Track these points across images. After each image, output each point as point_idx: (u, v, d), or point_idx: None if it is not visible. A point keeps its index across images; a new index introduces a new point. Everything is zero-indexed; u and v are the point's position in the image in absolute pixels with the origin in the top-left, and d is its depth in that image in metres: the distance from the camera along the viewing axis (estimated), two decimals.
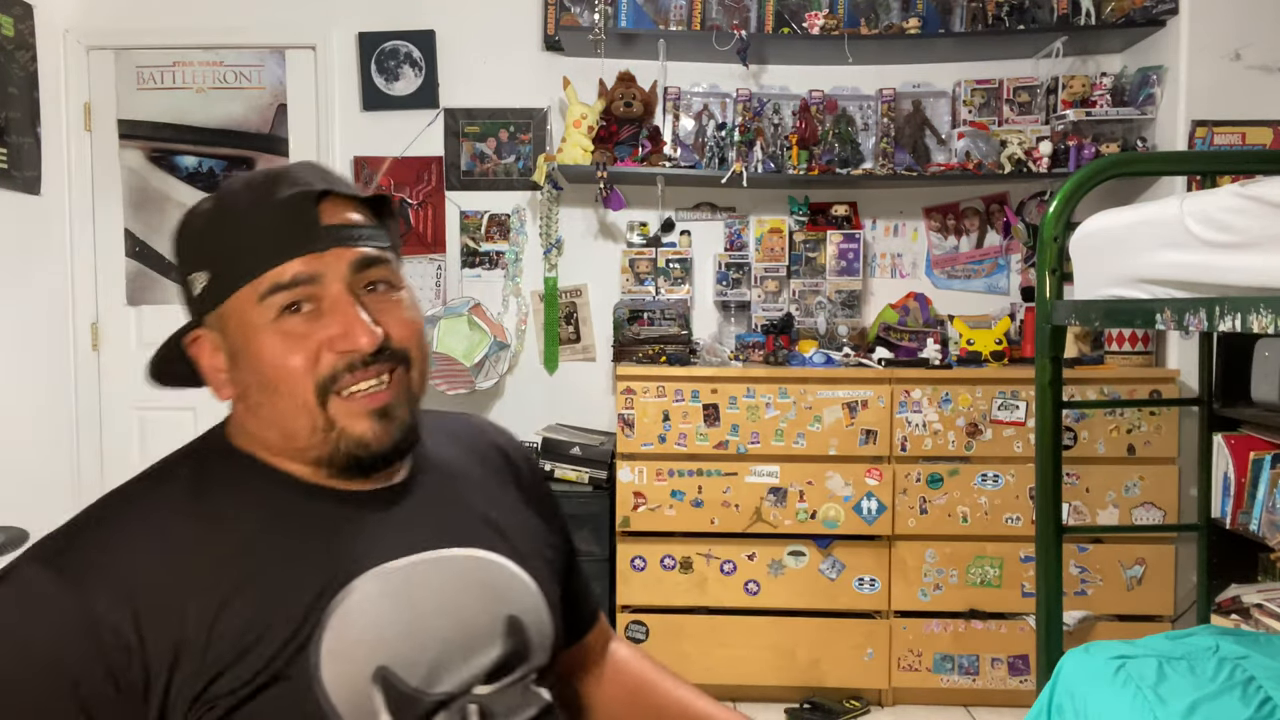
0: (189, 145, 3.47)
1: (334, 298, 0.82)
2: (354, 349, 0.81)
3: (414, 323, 0.88)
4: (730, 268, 3.45)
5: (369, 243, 0.85)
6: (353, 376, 0.82)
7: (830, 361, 3.17)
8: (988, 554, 2.99)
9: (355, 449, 0.83)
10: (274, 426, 0.84)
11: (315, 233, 0.81)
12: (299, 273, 0.81)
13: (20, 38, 3.14)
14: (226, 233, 0.83)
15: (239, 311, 0.82)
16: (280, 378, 0.81)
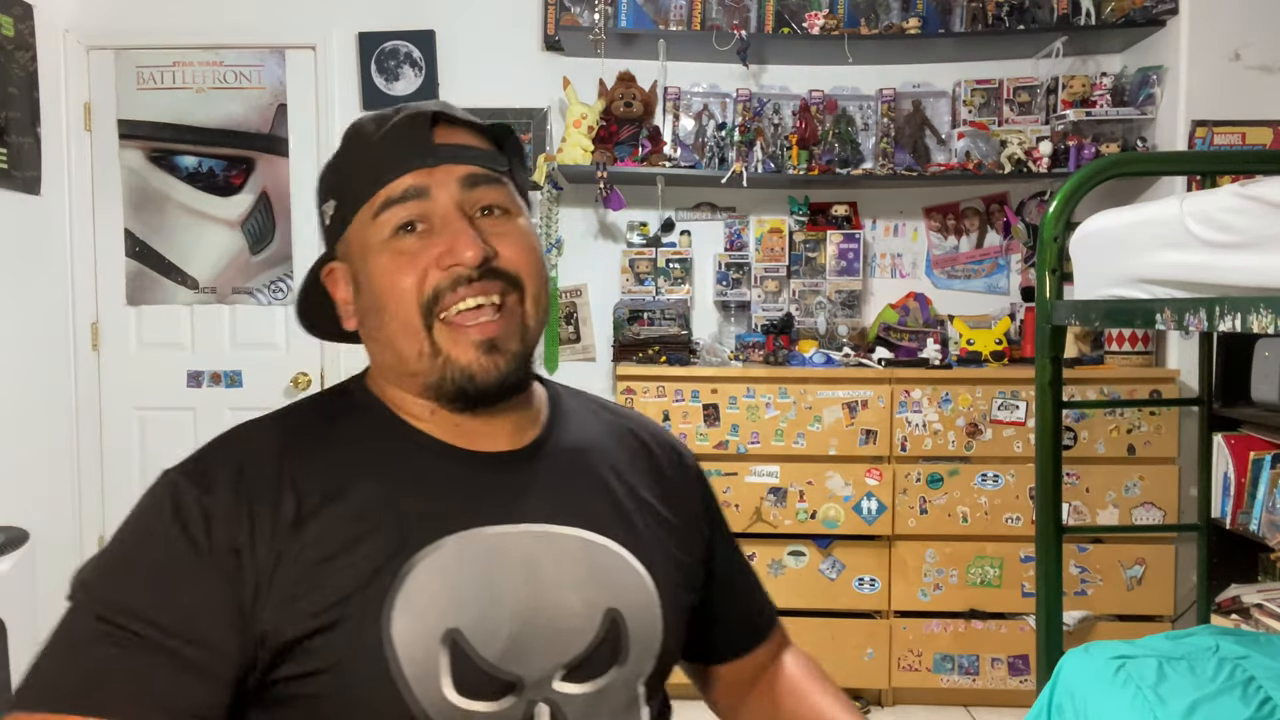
0: (189, 145, 3.47)
1: (443, 213, 0.81)
2: (457, 262, 0.79)
3: (529, 250, 0.84)
4: (730, 268, 3.45)
5: (483, 163, 0.84)
6: (455, 294, 0.79)
7: (830, 361, 3.17)
8: (988, 554, 2.99)
9: (461, 379, 0.80)
10: (388, 350, 0.82)
11: (426, 149, 0.82)
12: (409, 186, 0.81)
13: (20, 38, 3.14)
14: (349, 160, 0.85)
15: (359, 234, 0.83)
16: (389, 297, 0.80)
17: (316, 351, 3.47)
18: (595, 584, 0.81)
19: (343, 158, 0.87)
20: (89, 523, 3.47)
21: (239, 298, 3.49)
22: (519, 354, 0.82)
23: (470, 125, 0.86)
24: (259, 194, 3.47)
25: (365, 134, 0.85)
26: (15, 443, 3.10)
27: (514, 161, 0.88)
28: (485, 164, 0.84)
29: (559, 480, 0.86)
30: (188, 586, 0.73)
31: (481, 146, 0.85)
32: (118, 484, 3.48)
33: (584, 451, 0.90)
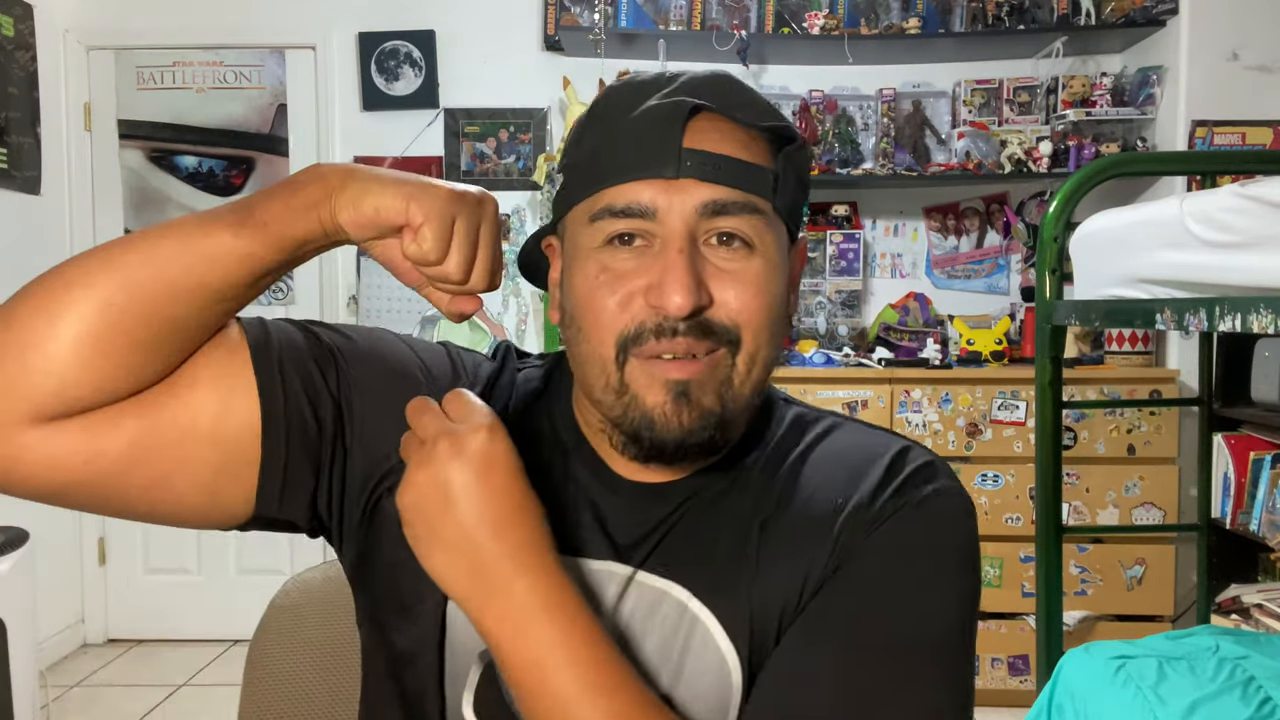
0: (189, 145, 3.48)
1: (666, 238, 0.66)
2: (661, 306, 0.65)
3: (759, 297, 0.67)
4: None
5: (738, 184, 0.66)
6: (657, 343, 0.66)
7: (830, 361, 3.17)
8: (988, 554, 2.99)
9: (640, 423, 0.67)
10: (580, 369, 0.71)
11: (669, 153, 0.65)
12: (634, 201, 0.66)
13: (20, 38, 3.14)
14: (588, 135, 0.71)
15: (574, 227, 0.70)
16: (586, 315, 0.68)
17: None
18: (663, 659, 0.68)
19: (585, 127, 0.72)
20: (89, 523, 3.47)
21: None
22: (713, 412, 0.67)
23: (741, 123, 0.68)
24: None
25: (614, 109, 0.69)
26: None
27: (787, 176, 0.70)
28: (742, 184, 0.66)
29: (697, 529, 0.71)
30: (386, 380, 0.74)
31: (746, 158, 0.67)
32: None
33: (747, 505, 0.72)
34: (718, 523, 0.71)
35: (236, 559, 3.54)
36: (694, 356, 0.66)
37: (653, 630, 0.68)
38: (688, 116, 0.66)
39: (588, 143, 0.70)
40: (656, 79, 0.70)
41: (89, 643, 3.51)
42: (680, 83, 0.69)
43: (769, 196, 0.68)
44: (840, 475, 0.72)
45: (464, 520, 0.61)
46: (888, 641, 0.65)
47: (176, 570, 3.55)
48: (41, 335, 0.61)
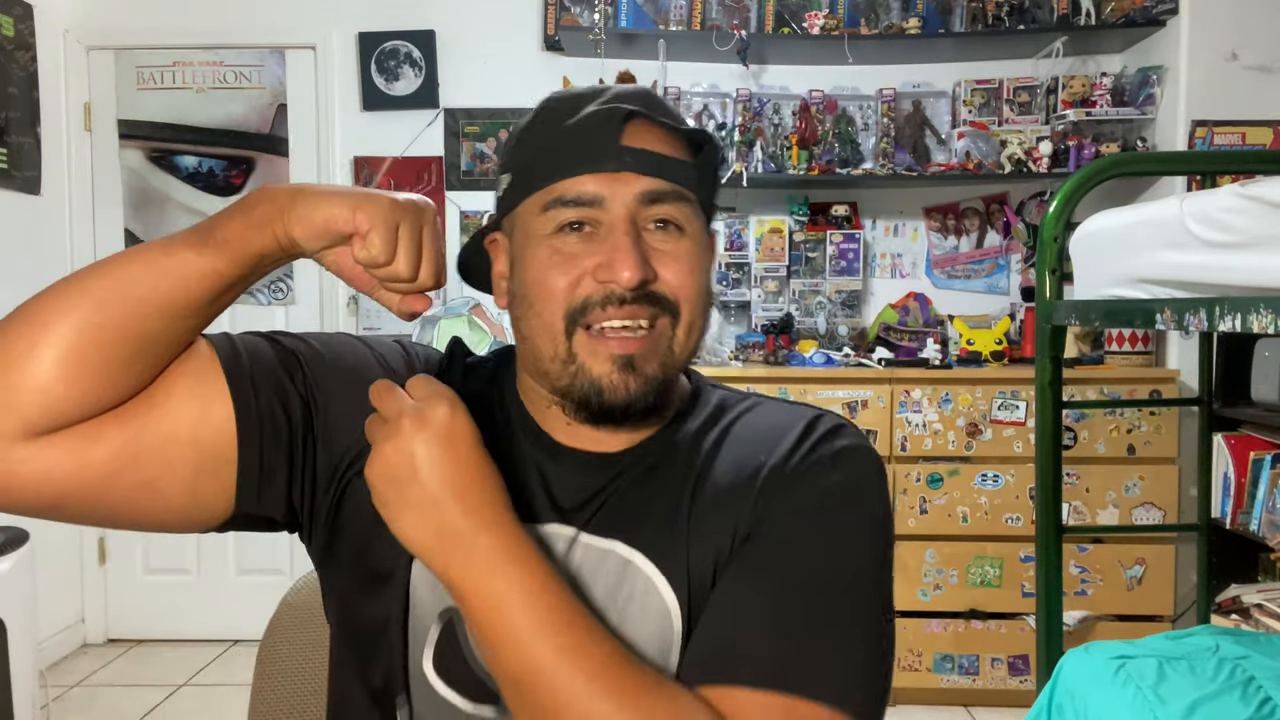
0: (189, 145, 3.48)
1: (611, 223, 0.75)
2: (611, 280, 0.74)
3: (693, 273, 0.78)
4: (730, 268, 3.45)
5: (669, 177, 0.77)
6: (604, 312, 0.75)
7: (830, 361, 3.17)
8: (988, 554, 2.99)
9: (589, 391, 0.76)
10: (527, 343, 0.79)
11: (611, 151, 0.75)
12: (583, 191, 0.75)
13: (20, 38, 3.14)
14: (534, 138, 0.80)
15: (525, 218, 0.79)
16: (537, 294, 0.77)
17: None
18: (609, 609, 0.75)
19: (529, 133, 0.81)
20: None
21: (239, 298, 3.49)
22: (655, 378, 0.76)
23: (667, 127, 0.78)
24: None
25: (555, 115, 0.79)
26: None
27: (704, 172, 0.81)
28: (672, 177, 0.77)
29: (637, 493, 0.79)
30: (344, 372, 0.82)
31: (673, 155, 0.78)
32: None
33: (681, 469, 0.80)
34: (653, 489, 0.79)
35: (236, 559, 3.54)
36: (640, 329, 0.76)
37: (598, 580, 0.75)
38: (624, 120, 0.76)
39: (534, 145, 0.79)
40: (591, 90, 0.80)
41: (89, 643, 3.51)
42: (612, 93, 0.79)
43: (693, 188, 0.78)
44: (760, 442, 0.80)
45: (429, 486, 0.67)
46: (813, 578, 0.72)
47: (176, 570, 3.55)
48: (26, 357, 0.66)
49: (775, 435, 0.81)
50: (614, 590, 0.75)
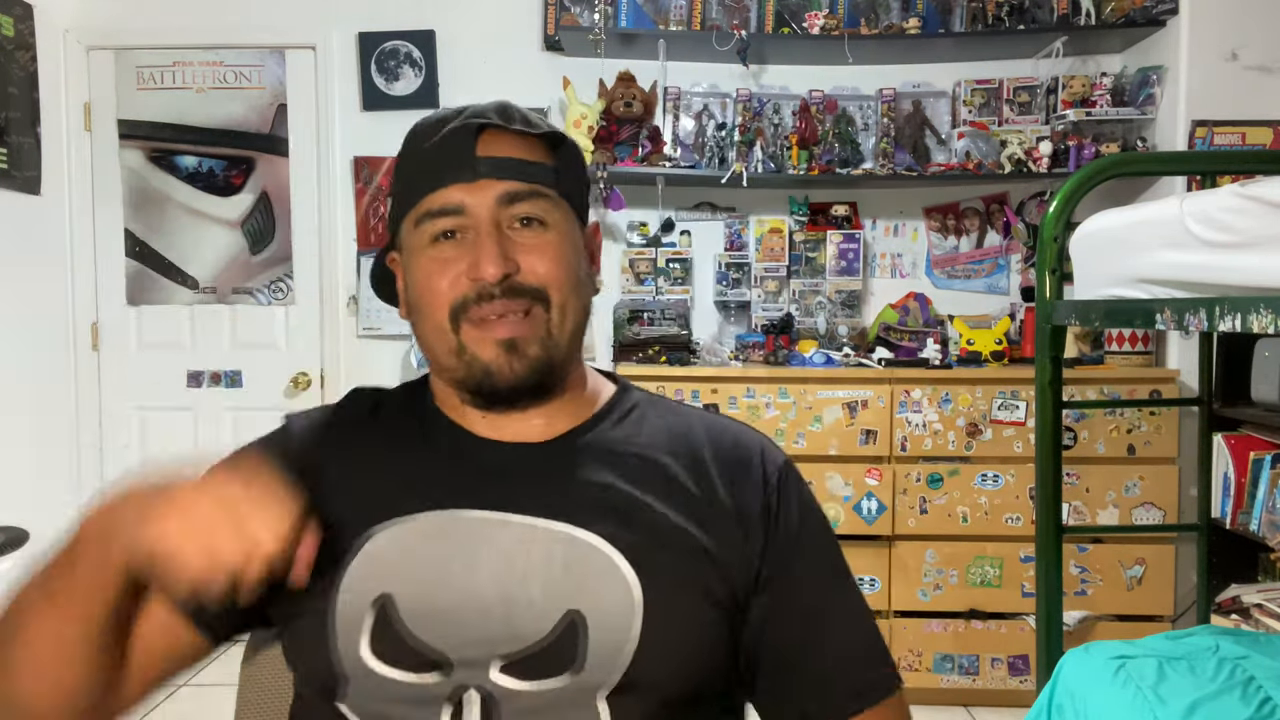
0: (189, 145, 3.47)
1: (475, 227, 0.84)
2: (478, 276, 0.83)
3: (557, 260, 0.86)
4: (730, 268, 3.45)
5: (526, 177, 0.85)
6: (479, 308, 0.84)
7: (830, 361, 3.17)
8: (988, 554, 2.99)
9: (480, 375, 0.85)
10: (425, 345, 0.88)
11: (468, 162, 0.84)
12: (446, 202, 0.84)
13: (20, 38, 3.14)
14: (403, 163, 0.90)
15: (406, 236, 0.88)
16: (424, 300, 0.86)
17: (316, 351, 3.47)
18: (565, 582, 0.80)
19: (401, 159, 0.91)
20: None
21: (239, 298, 3.49)
22: (540, 359, 0.85)
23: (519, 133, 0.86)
24: (259, 194, 3.47)
25: (418, 139, 0.88)
26: (15, 443, 3.10)
27: (565, 169, 0.89)
28: (528, 177, 0.85)
29: (571, 476, 0.86)
30: None
31: (528, 157, 0.86)
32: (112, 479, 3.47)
33: (614, 454, 0.88)
34: (590, 471, 0.86)
35: None
36: (516, 316, 0.84)
37: (553, 560, 0.80)
38: (477, 132, 0.85)
39: (405, 168, 0.89)
40: (452, 111, 0.88)
41: None
42: (470, 111, 0.87)
43: (552, 184, 0.87)
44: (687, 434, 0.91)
45: None
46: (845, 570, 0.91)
47: None
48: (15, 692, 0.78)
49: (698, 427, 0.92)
50: (571, 566, 0.80)
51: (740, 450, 0.90)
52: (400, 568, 0.81)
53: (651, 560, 0.81)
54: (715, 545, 0.84)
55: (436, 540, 0.82)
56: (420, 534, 0.82)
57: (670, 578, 0.81)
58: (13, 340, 3.11)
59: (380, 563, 0.81)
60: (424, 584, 0.80)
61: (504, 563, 0.80)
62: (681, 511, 0.85)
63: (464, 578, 0.80)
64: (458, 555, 0.81)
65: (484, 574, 0.80)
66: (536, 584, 0.80)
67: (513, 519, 0.82)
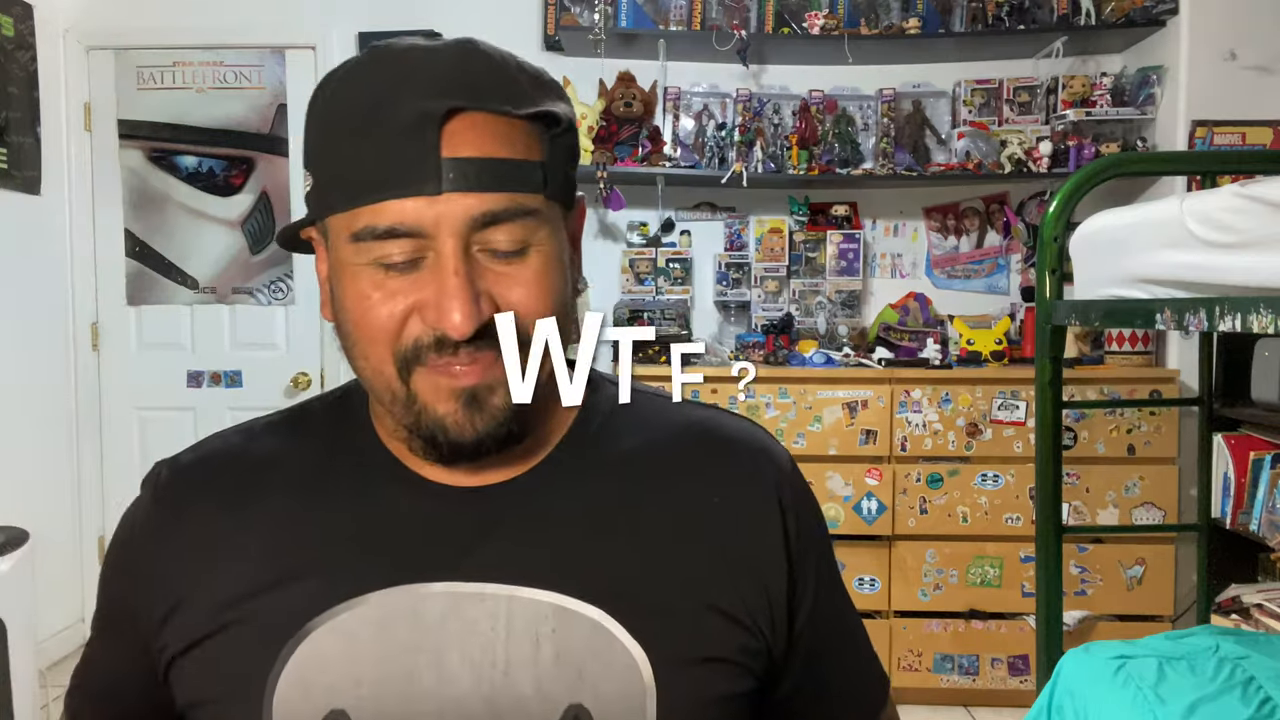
0: (189, 145, 3.47)
1: (439, 254, 0.62)
2: (441, 328, 0.62)
3: (540, 297, 0.64)
4: (730, 268, 3.45)
5: (506, 185, 0.62)
6: (439, 357, 0.63)
7: (830, 361, 3.17)
8: (988, 554, 2.99)
9: (434, 429, 0.65)
10: (364, 380, 0.68)
11: (429, 167, 0.60)
12: (398, 222, 0.61)
13: (20, 38, 3.14)
14: (332, 135, 0.64)
15: (335, 236, 0.65)
16: (361, 334, 0.64)
17: (316, 351, 3.47)
18: (562, 670, 0.63)
19: (327, 123, 0.65)
20: (89, 523, 3.47)
21: (239, 298, 3.49)
22: (505, 409, 0.64)
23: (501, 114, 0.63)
24: (259, 194, 3.47)
25: (355, 103, 0.63)
26: (15, 443, 3.10)
27: (556, 158, 0.66)
28: (510, 186, 0.62)
29: (550, 523, 0.68)
30: None
31: (510, 154, 0.63)
32: (118, 484, 3.48)
33: (598, 484, 0.70)
34: (572, 512, 0.68)
35: None
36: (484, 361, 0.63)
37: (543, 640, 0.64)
38: (443, 120, 0.60)
39: (328, 145, 0.64)
40: (401, 62, 0.63)
41: None
42: (429, 72, 0.62)
43: (541, 186, 0.64)
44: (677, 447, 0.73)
45: None
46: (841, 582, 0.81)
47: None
48: None
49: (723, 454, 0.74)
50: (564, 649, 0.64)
51: (742, 463, 0.74)
52: (352, 672, 0.63)
53: (659, 629, 0.65)
54: (732, 598, 0.68)
55: (395, 630, 0.64)
56: (374, 623, 0.64)
57: (685, 649, 0.66)
58: (13, 340, 3.11)
59: (324, 668, 0.63)
60: (385, 693, 0.63)
61: (482, 652, 0.64)
62: (686, 559, 0.69)
63: (435, 677, 0.63)
64: (424, 647, 0.64)
65: (459, 670, 0.63)
66: (526, 677, 0.63)
67: (487, 590, 0.65)
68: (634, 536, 0.68)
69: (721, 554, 0.69)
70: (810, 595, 0.74)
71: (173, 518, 0.71)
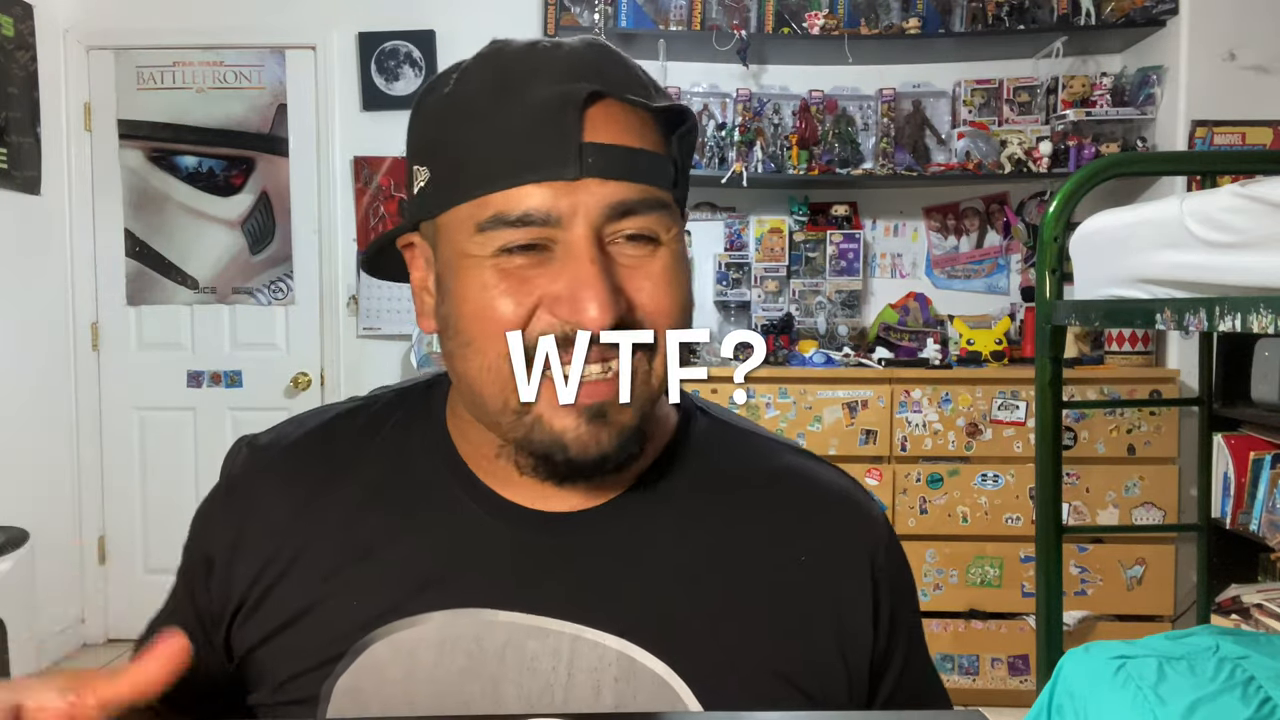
0: (189, 145, 3.47)
1: (572, 243, 0.59)
2: (575, 321, 0.58)
3: (669, 297, 0.62)
4: (730, 268, 3.45)
5: (641, 176, 0.60)
6: (566, 355, 0.58)
7: (830, 361, 3.17)
8: (988, 554, 2.99)
9: (551, 447, 0.61)
10: (465, 383, 0.63)
11: (569, 151, 0.58)
12: (534, 209, 0.58)
13: (20, 38, 3.14)
14: (458, 123, 0.61)
15: (454, 230, 0.62)
16: (479, 330, 0.60)
17: (317, 352, 3.47)
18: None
19: (450, 112, 0.62)
20: (89, 523, 3.47)
21: (239, 298, 3.49)
22: (631, 427, 0.61)
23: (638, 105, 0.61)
24: (259, 194, 3.47)
25: (490, 91, 0.61)
26: (15, 443, 3.10)
27: (682, 164, 0.64)
28: (647, 178, 0.60)
29: (624, 564, 0.64)
30: None
31: (643, 145, 0.60)
32: (118, 484, 3.48)
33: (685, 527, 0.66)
34: (653, 556, 0.65)
35: None
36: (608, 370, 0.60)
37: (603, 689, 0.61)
38: (584, 105, 0.58)
39: (453, 134, 0.62)
40: (530, 52, 0.62)
41: (89, 643, 3.51)
42: (562, 60, 0.61)
43: (670, 188, 0.63)
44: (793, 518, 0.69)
45: None
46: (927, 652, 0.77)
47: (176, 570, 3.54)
48: None
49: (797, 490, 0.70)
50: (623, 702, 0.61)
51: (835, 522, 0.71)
52: (406, 692, 0.62)
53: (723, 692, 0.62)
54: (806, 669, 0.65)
55: (454, 655, 0.62)
56: (434, 645, 0.62)
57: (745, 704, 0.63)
58: (13, 340, 3.11)
59: (381, 683, 0.62)
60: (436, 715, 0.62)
61: (540, 692, 0.61)
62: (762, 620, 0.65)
63: (490, 709, 0.61)
64: (481, 676, 0.62)
65: (514, 705, 0.61)
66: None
67: (551, 627, 0.62)
68: (711, 589, 0.65)
69: (801, 620, 0.65)
70: (894, 673, 0.70)
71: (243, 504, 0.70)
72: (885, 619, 0.68)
